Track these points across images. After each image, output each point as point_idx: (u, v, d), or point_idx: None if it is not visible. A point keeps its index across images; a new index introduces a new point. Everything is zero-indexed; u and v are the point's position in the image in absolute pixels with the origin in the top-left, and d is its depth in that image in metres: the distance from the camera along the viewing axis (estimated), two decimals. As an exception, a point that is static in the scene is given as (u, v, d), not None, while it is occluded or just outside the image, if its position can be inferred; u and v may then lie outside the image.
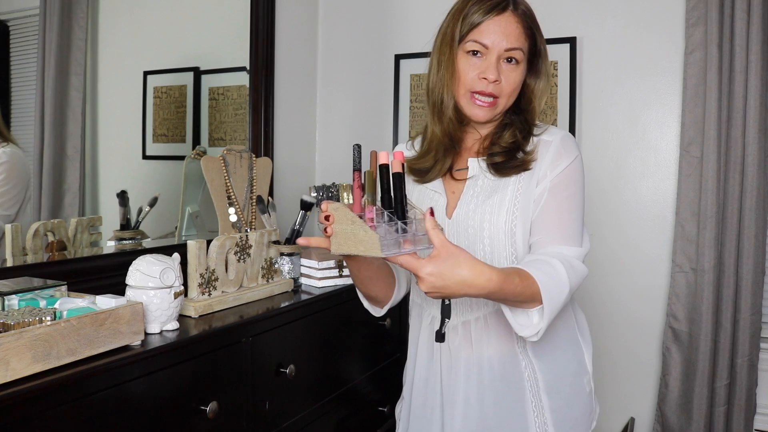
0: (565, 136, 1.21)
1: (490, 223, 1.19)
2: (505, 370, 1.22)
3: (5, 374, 0.94)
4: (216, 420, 1.27)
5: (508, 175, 1.20)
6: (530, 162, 1.19)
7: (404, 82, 2.41)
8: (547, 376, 1.23)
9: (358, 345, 1.86)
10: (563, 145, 1.19)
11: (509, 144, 1.21)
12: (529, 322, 1.09)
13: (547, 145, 1.20)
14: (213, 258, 1.47)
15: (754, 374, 1.96)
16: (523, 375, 1.22)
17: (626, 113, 2.13)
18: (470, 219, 1.20)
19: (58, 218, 1.55)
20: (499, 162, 1.20)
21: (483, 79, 1.16)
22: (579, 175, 1.20)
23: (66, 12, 1.59)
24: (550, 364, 1.24)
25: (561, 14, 2.17)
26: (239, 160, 1.80)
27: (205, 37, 2.04)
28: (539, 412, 1.22)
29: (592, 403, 1.31)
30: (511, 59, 1.17)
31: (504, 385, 1.22)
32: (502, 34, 1.15)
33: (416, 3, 2.39)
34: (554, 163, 1.18)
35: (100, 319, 1.08)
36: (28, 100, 1.52)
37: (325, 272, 1.78)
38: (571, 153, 1.19)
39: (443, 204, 1.25)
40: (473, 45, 1.16)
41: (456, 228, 1.22)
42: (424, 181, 1.27)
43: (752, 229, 1.91)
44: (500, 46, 1.15)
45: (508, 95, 1.19)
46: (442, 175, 1.26)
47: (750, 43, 1.87)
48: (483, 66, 1.16)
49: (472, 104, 1.19)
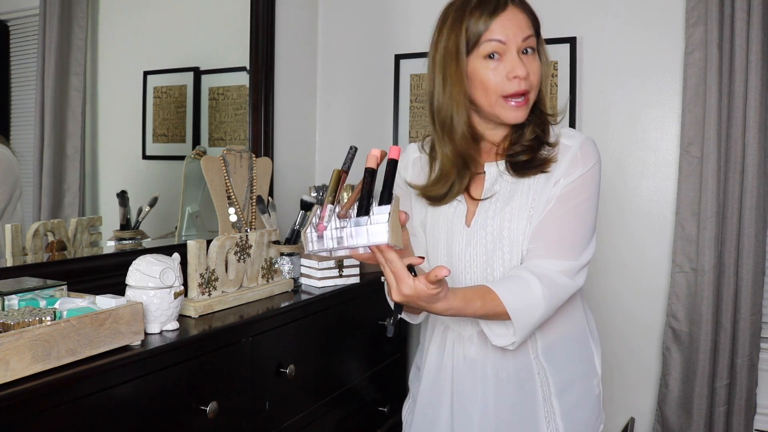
0: (585, 141, 1.18)
1: (510, 230, 1.17)
2: (520, 378, 1.21)
3: (5, 374, 0.93)
4: (216, 420, 1.27)
5: (528, 175, 1.17)
6: (550, 163, 1.17)
7: (404, 82, 2.41)
8: (558, 381, 1.22)
9: (358, 345, 1.86)
10: (582, 151, 1.17)
11: (531, 140, 1.18)
12: (506, 332, 1.11)
13: (566, 150, 1.17)
14: (213, 258, 1.47)
15: (754, 374, 1.96)
16: (536, 381, 1.21)
17: (626, 113, 2.13)
18: (489, 227, 1.18)
19: (58, 218, 1.55)
20: (522, 161, 1.17)
21: (514, 78, 1.12)
22: (594, 183, 1.17)
23: (66, 12, 1.59)
24: (561, 368, 1.23)
25: (561, 14, 2.17)
26: (239, 160, 1.80)
27: (205, 37, 2.04)
28: (551, 418, 1.21)
29: (600, 406, 1.30)
30: (527, 49, 1.14)
31: (518, 392, 1.21)
32: (516, 27, 1.12)
33: (416, 3, 2.39)
34: (569, 170, 1.16)
35: (100, 319, 1.08)
36: (28, 100, 1.52)
37: (325, 272, 1.78)
38: (588, 161, 1.16)
39: (463, 212, 1.22)
40: (490, 45, 1.12)
41: (474, 236, 1.20)
42: (440, 204, 1.24)
43: (752, 229, 1.91)
44: (517, 38, 1.12)
45: (536, 86, 1.16)
46: (460, 194, 1.22)
47: (750, 43, 1.87)
48: (508, 66, 1.13)
49: (508, 108, 1.15)
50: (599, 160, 1.18)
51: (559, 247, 1.13)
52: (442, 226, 1.24)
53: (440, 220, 1.24)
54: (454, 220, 1.23)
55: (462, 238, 1.21)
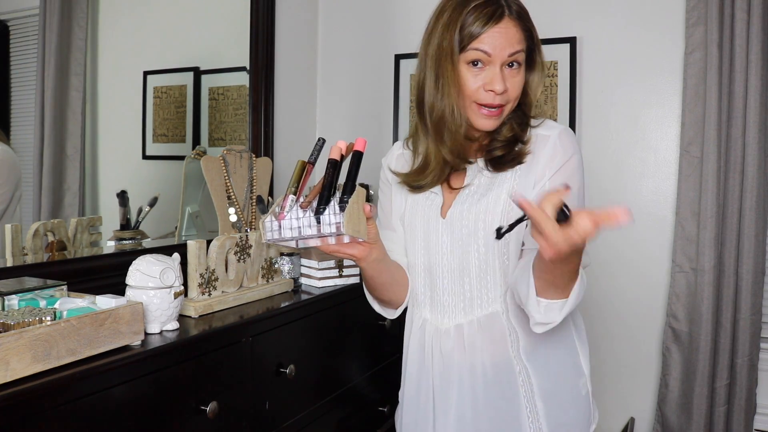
0: (563, 131, 1.18)
1: (485, 222, 1.17)
2: (498, 375, 1.20)
3: (5, 374, 0.93)
4: (216, 420, 1.27)
5: (504, 169, 1.18)
6: (525, 155, 1.17)
7: (404, 82, 2.41)
8: (541, 381, 1.20)
9: (358, 345, 1.86)
10: (561, 141, 1.16)
11: (508, 138, 1.18)
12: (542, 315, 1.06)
13: (544, 141, 1.17)
14: (213, 258, 1.47)
15: (754, 374, 1.96)
16: (517, 380, 1.19)
17: (626, 113, 2.13)
18: (464, 219, 1.19)
19: (58, 218, 1.55)
20: (497, 156, 1.18)
21: (489, 92, 1.12)
22: (579, 172, 1.16)
23: (66, 12, 1.59)
24: (544, 367, 1.21)
25: (561, 14, 2.17)
26: (239, 160, 1.80)
27: (205, 37, 2.04)
28: (534, 418, 1.19)
29: (590, 406, 1.27)
30: (512, 63, 1.14)
31: (498, 391, 1.20)
32: (505, 41, 1.11)
33: (416, 3, 2.39)
34: (551, 162, 1.15)
35: (100, 319, 1.08)
36: (28, 100, 1.52)
37: (325, 272, 1.78)
38: (568, 150, 1.16)
39: (438, 204, 1.24)
40: (475, 54, 1.12)
41: (450, 228, 1.21)
42: (419, 192, 1.26)
43: (752, 229, 1.91)
44: (503, 54, 1.12)
45: (514, 100, 1.16)
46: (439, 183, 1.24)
47: (750, 43, 1.87)
48: (487, 77, 1.12)
49: (479, 115, 1.15)
50: (579, 150, 1.18)
51: None
52: (419, 219, 1.25)
53: (417, 213, 1.26)
54: (430, 213, 1.24)
55: (437, 229, 1.22)
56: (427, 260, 1.25)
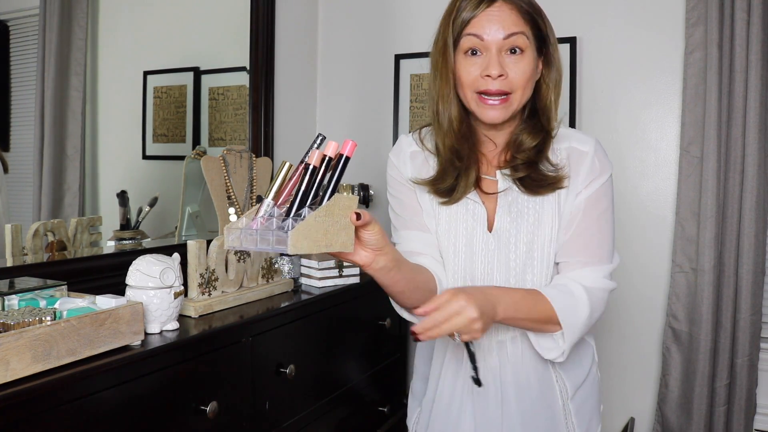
0: (597, 146, 1.16)
1: (541, 248, 1.16)
2: (542, 387, 1.20)
3: (5, 374, 0.93)
4: (216, 420, 1.27)
5: (541, 193, 1.15)
6: (563, 179, 1.14)
7: (404, 82, 2.41)
8: (572, 384, 1.23)
9: (358, 345, 1.86)
10: (598, 158, 1.15)
11: (529, 157, 1.14)
12: (554, 345, 1.12)
13: (580, 157, 1.14)
14: (213, 258, 1.47)
15: (754, 374, 1.96)
16: (556, 388, 1.21)
17: (626, 113, 2.13)
18: (512, 237, 1.16)
19: (58, 218, 1.55)
20: (523, 177, 1.14)
21: (486, 77, 1.07)
22: (611, 189, 1.17)
23: (66, 12, 1.59)
24: (574, 369, 1.24)
25: (561, 14, 2.17)
26: (239, 160, 1.80)
27: (205, 37, 2.04)
28: (569, 419, 1.22)
29: (599, 388, 1.32)
30: (515, 49, 1.08)
31: (542, 403, 1.21)
32: (497, 23, 1.06)
33: (416, 3, 2.39)
34: (588, 179, 1.14)
35: (100, 319, 1.08)
36: (28, 100, 1.52)
37: (325, 272, 1.78)
38: (606, 168, 1.16)
39: (482, 214, 1.18)
40: (469, 40, 1.08)
41: (497, 242, 1.17)
42: (453, 202, 1.18)
43: (752, 229, 1.91)
44: (497, 36, 1.06)
45: (521, 88, 1.09)
46: (470, 190, 1.17)
47: (750, 43, 1.87)
48: (484, 63, 1.08)
49: (482, 106, 1.10)
50: (611, 164, 1.18)
51: (595, 255, 1.15)
52: (461, 229, 1.19)
53: (458, 221, 1.19)
54: (475, 224, 1.18)
55: (485, 242, 1.17)
56: (470, 273, 1.19)
